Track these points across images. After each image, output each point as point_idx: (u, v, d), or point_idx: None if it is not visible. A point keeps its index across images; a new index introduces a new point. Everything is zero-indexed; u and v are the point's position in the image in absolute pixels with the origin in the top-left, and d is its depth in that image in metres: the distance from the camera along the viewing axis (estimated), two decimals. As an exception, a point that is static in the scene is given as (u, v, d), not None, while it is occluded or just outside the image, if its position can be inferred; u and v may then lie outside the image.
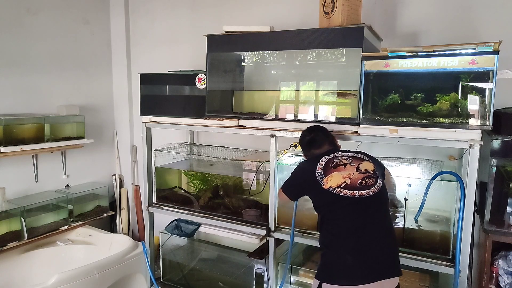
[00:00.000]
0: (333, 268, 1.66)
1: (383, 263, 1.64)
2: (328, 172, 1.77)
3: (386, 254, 1.67)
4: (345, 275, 1.61)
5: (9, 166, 2.95)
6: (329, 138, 1.97)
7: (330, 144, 1.95)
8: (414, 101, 1.91)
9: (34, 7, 3.08)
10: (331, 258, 1.70)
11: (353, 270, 1.61)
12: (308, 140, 1.97)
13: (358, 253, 1.62)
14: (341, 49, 2.29)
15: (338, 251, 1.68)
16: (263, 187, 2.53)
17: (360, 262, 1.61)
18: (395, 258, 1.70)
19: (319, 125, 2.05)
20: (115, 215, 3.74)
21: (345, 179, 1.73)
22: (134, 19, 3.68)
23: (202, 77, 2.57)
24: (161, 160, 2.90)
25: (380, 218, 1.72)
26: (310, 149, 1.97)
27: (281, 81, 2.56)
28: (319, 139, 1.94)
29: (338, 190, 1.70)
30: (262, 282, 2.48)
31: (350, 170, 1.76)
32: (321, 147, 1.93)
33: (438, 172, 1.96)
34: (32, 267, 2.90)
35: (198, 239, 2.86)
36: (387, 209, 1.78)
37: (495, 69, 1.72)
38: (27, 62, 3.06)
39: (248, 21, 3.01)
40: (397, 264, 1.70)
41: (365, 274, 1.59)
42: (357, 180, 1.72)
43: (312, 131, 1.99)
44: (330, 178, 1.75)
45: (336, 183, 1.72)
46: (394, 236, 1.74)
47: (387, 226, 1.73)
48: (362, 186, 1.70)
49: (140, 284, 3.02)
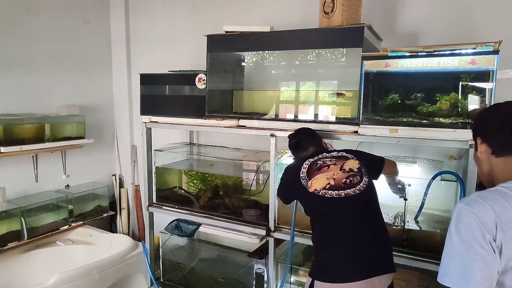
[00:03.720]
0: (325, 266, 1.68)
1: (374, 260, 1.64)
2: (312, 175, 1.79)
3: (377, 251, 1.67)
4: (337, 273, 1.63)
5: (9, 166, 2.95)
6: (315, 139, 1.98)
7: (315, 146, 1.95)
8: (414, 101, 1.91)
9: (34, 7, 3.08)
10: (323, 256, 1.71)
11: (344, 268, 1.62)
12: (293, 144, 2.00)
13: (349, 251, 1.64)
14: (341, 49, 2.29)
15: (330, 250, 1.69)
16: (263, 187, 2.53)
17: (351, 260, 1.62)
18: (386, 254, 1.70)
19: (304, 127, 2.06)
20: (115, 215, 3.74)
21: (329, 180, 1.74)
22: (134, 19, 3.68)
23: (202, 77, 2.57)
24: (161, 160, 2.90)
25: (369, 215, 1.72)
26: (296, 152, 1.99)
27: (281, 81, 2.56)
28: (303, 142, 1.96)
29: (324, 192, 1.72)
30: (262, 282, 2.47)
31: (333, 171, 1.77)
32: (307, 149, 1.94)
33: (438, 172, 1.96)
34: (32, 267, 2.90)
35: (198, 239, 2.86)
36: (376, 205, 1.78)
37: (495, 69, 1.72)
38: (27, 62, 3.06)
39: (248, 21, 3.01)
40: (389, 260, 1.69)
41: (356, 272, 1.60)
42: (341, 180, 1.73)
43: (296, 134, 2.01)
44: (315, 181, 1.77)
45: (320, 186, 1.74)
46: (385, 232, 1.73)
47: (376, 223, 1.73)
48: (347, 185, 1.72)
49: (140, 284, 3.02)
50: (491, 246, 0.98)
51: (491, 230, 0.99)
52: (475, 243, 0.99)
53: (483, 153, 1.19)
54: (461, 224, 1.03)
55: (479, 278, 0.98)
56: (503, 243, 0.98)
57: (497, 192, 1.06)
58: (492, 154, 1.16)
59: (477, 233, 0.99)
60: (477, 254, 0.98)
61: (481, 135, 1.19)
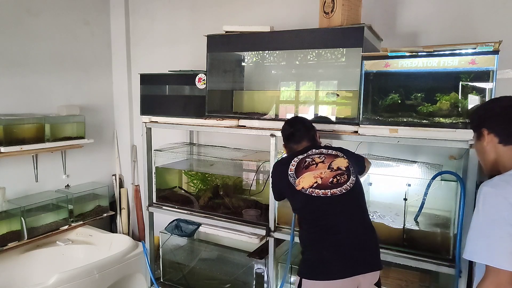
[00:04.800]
0: (311, 264, 1.70)
1: (359, 258, 1.66)
2: (300, 173, 1.80)
3: (363, 250, 1.68)
4: (322, 271, 1.64)
5: (9, 166, 2.95)
6: (310, 133, 1.96)
7: (309, 140, 1.94)
8: (414, 101, 1.91)
9: (35, 8, 3.08)
10: (310, 255, 1.73)
11: (329, 266, 1.64)
12: (288, 134, 1.98)
13: (334, 250, 1.66)
14: (341, 49, 2.29)
15: (316, 248, 1.71)
16: (263, 187, 2.53)
17: (336, 258, 1.65)
18: (372, 252, 1.72)
19: (301, 118, 2.04)
20: (115, 215, 3.74)
21: (316, 179, 1.75)
22: (134, 20, 3.68)
23: (202, 77, 2.57)
24: (161, 160, 2.90)
25: (355, 214, 1.74)
26: (288, 142, 1.99)
27: (281, 81, 2.56)
28: (298, 134, 1.94)
29: (311, 190, 1.73)
30: (262, 282, 2.47)
31: (321, 169, 1.78)
32: (300, 142, 1.94)
33: (438, 172, 1.96)
34: (32, 267, 2.90)
35: (198, 239, 2.86)
36: (363, 204, 1.79)
37: (495, 69, 1.72)
38: (27, 63, 3.06)
39: (248, 21, 3.01)
40: (375, 258, 1.71)
41: (342, 270, 1.62)
42: (328, 179, 1.74)
43: (293, 125, 1.98)
44: (302, 179, 1.77)
45: (308, 184, 1.75)
46: (371, 230, 1.75)
47: (363, 222, 1.75)
48: (334, 185, 1.73)
49: (140, 284, 3.02)
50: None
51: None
52: (503, 222, 1.11)
53: (489, 143, 1.28)
54: (488, 205, 1.15)
55: (508, 254, 1.10)
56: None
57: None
58: (500, 143, 1.26)
59: (505, 213, 1.11)
60: (505, 232, 1.10)
61: (487, 126, 1.29)
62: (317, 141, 1.99)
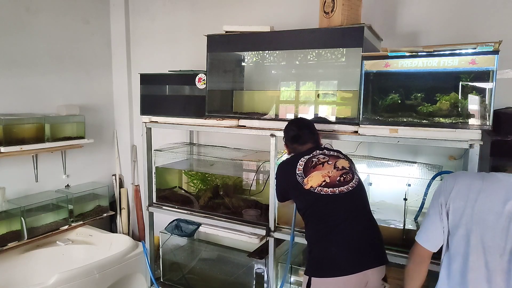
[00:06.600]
0: (319, 262, 1.71)
1: (367, 253, 1.69)
2: (308, 172, 1.83)
3: (370, 245, 1.72)
4: (331, 267, 1.66)
5: (9, 166, 2.95)
6: (314, 136, 2.00)
7: (313, 142, 1.98)
8: (414, 101, 1.91)
9: (34, 7, 3.08)
10: (317, 253, 1.74)
11: (338, 262, 1.66)
12: (293, 135, 2.00)
13: (342, 246, 1.68)
14: (341, 49, 2.29)
15: (323, 245, 1.72)
16: (263, 187, 2.53)
17: (344, 255, 1.67)
18: (378, 247, 1.75)
19: (306, 121, 2.06)
20: (115, 215, 3.74)
21: (324, 177, 1.78)
22: (134, 19, 3.68)
23: (202, 77, 2.57)
24: (161, 160, 2.90)
25: (360, 211, 1.78)
26: (293, 143, 2.00)
27: (281, 81, 2.56)
28: (304, 137, 1.97)
29: (319, 189, 1.76)
30: (262, 282, 2.47)
31: (328, 169, 1.82)
32: (305, 144, 1.97)
33: (438, 172, 1.96)
34: (32, 267, 2.90)
35: (198, 239, 2.86)
36: (366, 201, 1.84)
37: (495, 69, 1.72)
38: (27, 62, 3.06)
39: (248, 21, 3.01)
40: (381, 253, 1.74)
41: (350, 265, 1.64)
42: (336, 178, 1.78)
43: (299, 128, 2.00)
44: (310, 178, 1.80)
45: (316, 183, 1.78)
46: (376, 226, 1.79)
47: (368, 218, 1.79)
48: (341, 183, 1.77)
49: (140, 284, 3.02)
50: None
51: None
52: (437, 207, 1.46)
53: None
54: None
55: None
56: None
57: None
58: None
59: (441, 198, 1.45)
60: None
61: None
62: (319, 143, 2.03)
